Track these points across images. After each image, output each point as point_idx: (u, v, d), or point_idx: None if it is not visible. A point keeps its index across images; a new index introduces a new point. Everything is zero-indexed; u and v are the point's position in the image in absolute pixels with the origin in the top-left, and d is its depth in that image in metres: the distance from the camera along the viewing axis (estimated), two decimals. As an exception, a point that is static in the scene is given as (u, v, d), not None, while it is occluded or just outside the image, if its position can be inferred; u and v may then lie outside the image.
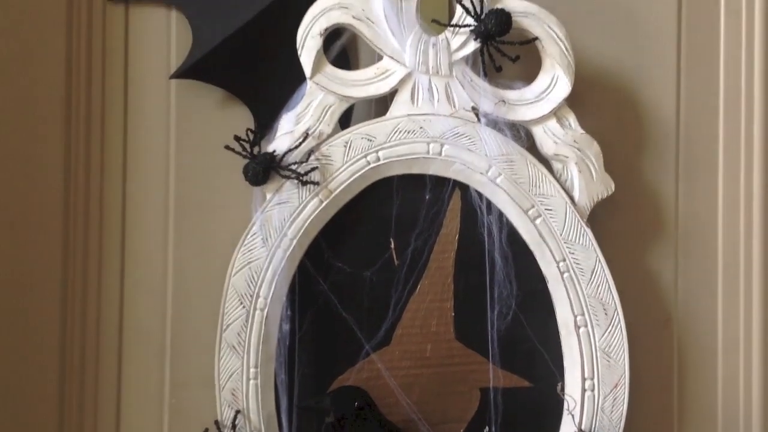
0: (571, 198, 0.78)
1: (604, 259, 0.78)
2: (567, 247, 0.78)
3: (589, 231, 0.78)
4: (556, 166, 0.79)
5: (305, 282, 0.78)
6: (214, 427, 0.77)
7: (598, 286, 0.78)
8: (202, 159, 0.82)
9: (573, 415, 0.77)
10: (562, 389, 0.78)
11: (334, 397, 0.73)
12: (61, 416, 0.80)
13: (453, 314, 0.80)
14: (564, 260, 0.78)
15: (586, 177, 0.78)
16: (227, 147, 0.76)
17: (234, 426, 0.77)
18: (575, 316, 0.78)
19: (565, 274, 0.78)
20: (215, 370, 0.77)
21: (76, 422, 0.80)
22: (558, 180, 0.78)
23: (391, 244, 0.79)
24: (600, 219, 0.77)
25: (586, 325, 0.78)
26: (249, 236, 0.77)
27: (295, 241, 0.77)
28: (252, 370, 0.77)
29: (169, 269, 0.82)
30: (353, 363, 0.79)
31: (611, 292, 0.78)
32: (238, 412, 0.77)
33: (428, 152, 0.78)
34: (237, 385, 0.77)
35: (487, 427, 0.78)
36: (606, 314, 0.78)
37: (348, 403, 0.73)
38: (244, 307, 0.77)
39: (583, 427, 0.78)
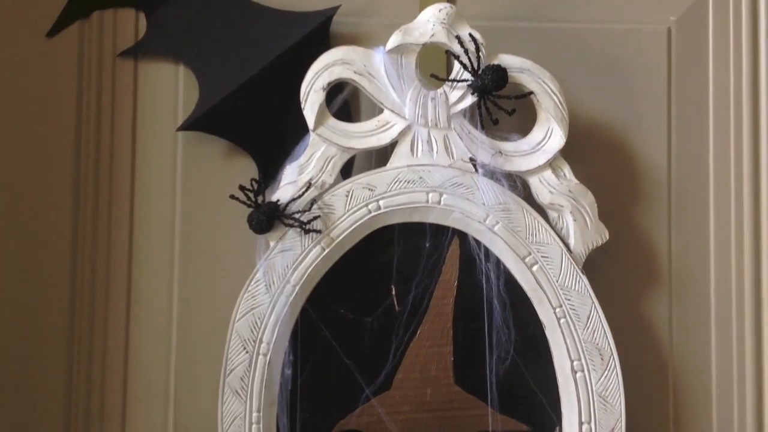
0: (567, 246, 0.80)
1: (599, 305, 0.79)
2: (563, 294, 0.80)
3: (584, 278, 0.80)
4: (552, 214, 0.81)
5: (307, 327, 0.80)
6: (220, 471, 0.78)
7: (594, 332, 0.80)
8: (207, 208, 0.84)
9: (573, 460, 0.78)
10: None
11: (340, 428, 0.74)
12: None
13: (452, 359, 0.81)
14: (560, 306, 0.80)
15: (581, 225, 0.80)
16: (232, 196, 0.78)
17: (238, 466, 0.78)
18: (572, 361, 0.79)
19: (562, 320, 0.80)
20: (218, 414, 0.78)
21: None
22: (554, 228, 0.80)
23: (392, 291, 0.81)
24: (595, 266, 0.79)
25: (582, 370, 0.79)
26: (253, 283, 0.79)
27: (297, 288, 0.79)
28: (255, 414, 0.79)
29: (174, 316, 0.84)
30: (354, 407, 0.80)
31: (607, 337, 0.80)
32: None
33: (428, 201, 0.80)
34: (240, 430, 0.78)
35: (487, 471, 0.79)
36: (602, 359, 0.79)
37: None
38: (247, 352, 0.79)
39: (582, 473, 0.79)
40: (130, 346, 0.83)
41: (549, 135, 0.81)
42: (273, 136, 0.84)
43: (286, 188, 0.79)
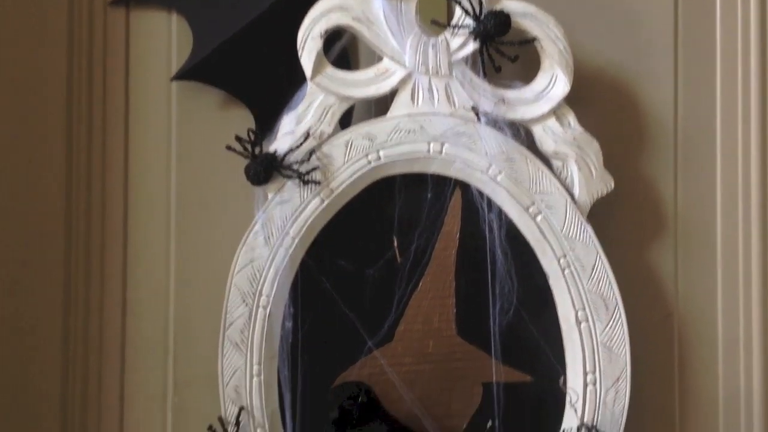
0: (571, 195, 0.78)
1: (604, 255, 0.78)
2: (567, 244, 0.78)
3: (589, 227, 0.78)
4: (556, 164, 0.79)
5: (308, 280, 0.78)
6: (218, 423, 0.77)
7: (599, 282, 0.78)
8: (203, 160, 0.82)
9: (575, 409, 0.78)
10: (564, 383, 0.79)
11: (338, 393, 0.73)
12: (64, 415, 0.80)
13: (455, 310, 0.80)
14: (565, 256, 0.78)
15: (586, 174, 0.79)
16: (228, 147, 0.76)
17: (237, 423, 0.77)
18: (576, 311, 0.79)
19: (566, 270, 0.78)
20: (219, 367, 0.78)
21: (79, 421, 0.81)
22: (558, 178, 0.79)
23: (393, 242, 0.80)
24: (600, 216, 0.77)
25: (587, 320, 0.78)
26: (251, 235, 0.78)
27: (297, 240, 0.78)
28: (255, 367, 0.78)
29: (172, 269, 0.82)
30: (355, 360, 0.79)
31: (612, 287, 0.78)
32: (241, 408, 0.77)
33: (429, 151, 0.78)
34: (240, 382, 0.78)
35: (490, 422, 0.78)
36: (607, 309, 0.78)
37: (351, 399, 0.73)
38: (246, 305, 0.78)
39: (585, 421, 0.78)
40: (128, 300, 0.82)
41: (553, 82, 0.79)
42: (270, 85, 0.81)
43: (283, 139, 0.78)
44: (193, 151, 0.83)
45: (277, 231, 0.78)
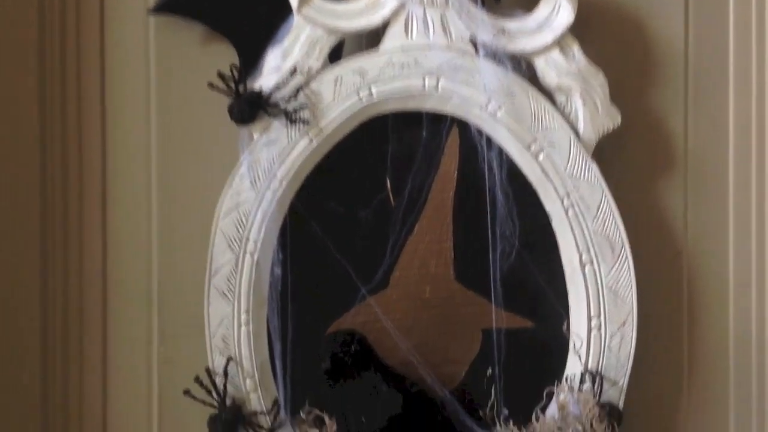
0: (576, 132, 0.74)
1: (610, 194, 0.74)
2: (571, 183, 0.74)
3: (594, 166, 0.74)
4: (559, 98, 0.75)
5: (297, 224, 0.75)
6: (205, 375, 0.74)
7: (604, 223, 0.75)
8: (184, 99, 0.77)
9: (579, 355, 0.74)
10: (568, 329, 0.75)
11: (329, 342, 0.70)
12: (45, 369, 0.77)
13: (453, 255, 0.77)
14: (568, 196, 0.74)
15: (591, 109, 0.74)
16: (211, 85, 0.72)
17: (226, 373, 0.74)
18: (580, 254, 0.75)
19: (570, 211, 0.74)
20: (205, 316, 0.74)
21: (61, 375, 0.77)
22: (561, 113, 0.74)
23: (387, 184, 0.75)
24: (606, 153, 0.74)
25: (591, 263, 0.75)
26: (237, 178, 0.74)
27: (285, 183, 0.74)
28: (243, 315, 0.74)
29: (154, 214, 0.78)
30: (349, 307, 0.76)
31: (618, 228, 0.75)
32: (230, 359, 0.74)
33: (424, 87, 0.74)
34: (228, 332, 0.74)
35: (490, 369, 0.75)
36: (612, 251, 0.75)
37: (344, 348, 0.70)
38: (233, 251, 0.74)
39: (589, 367, 0.75)
40: (108, 248, 0.78)
41: (556, 11, 0.74)
42: (253, 18, 0.76)
43: (269, 75, 0.73)
44: (173, 89, 0.78)
45: (263, 173, 0.73)
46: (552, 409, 0.74)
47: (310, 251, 0.75)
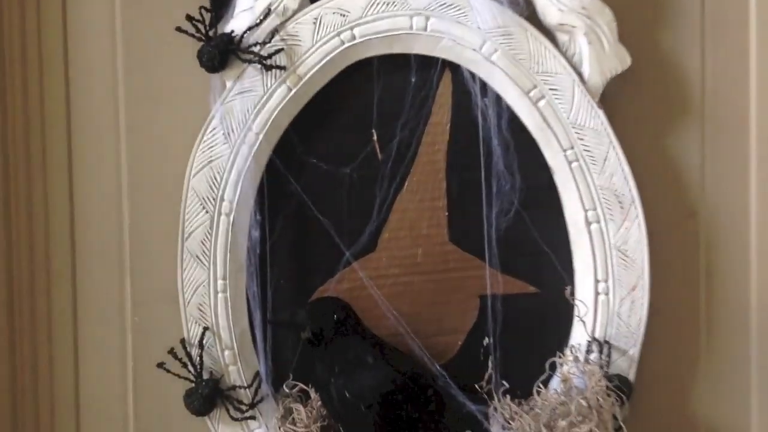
0: (580, 75, 0.67)
1: (618, 144, 0.67)
2: (576, 133, 0.68)
3: (601, 113, 0.67)
4: (562, 38, 0.68)
5: (275, 182, 0.69)
6: (180, 346, 0.68)
7: (612, 176, 0.68)
8: (151, 44, 0.71)
9: (584, 322, 0.68)
10: (572, 294, 0.69)
11: (311, 310, 0.64)
12: (12, 340, 0.72)
13: (446, 214, 0.70)
14: (572, 148, 0.68)
15: (597, 50, 0.67)
16: (179, 29, 0.65)
17: (201, 345, 0.68)
18: (586, 211, 0.68)
19: (574, 164, 0.68)
20: (178, 283, 0.69)
21: (29, 347, 0.72)
22: (564, 55, 0.67)
23: (373, 136, 0.69)
24: (614, 99, 0.68)
25: (598, 221, 0.68)
26: (208, 132, 0.68)
27: (261, 136, 0.67)
28: (220, 282, 0.69)
29: (123, 173, 0.72)
30: (334, 272, 0.70)
31: (627, 182, 0.68)
32: (206, 329, 0.69)
33: (411, 27, 0.67)
34: (204, 300, 0.69)
35: (486, 339, 0.69)
36: (621, 208, 0.68)
37: (326, 317, 0.63)
38: (207, 212, 0.68)
39: (596, 335, 0.68)
40: (75, 208, 0.72)
41: (558, -58, 0.67)
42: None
43: (241, 16, 0.67)
44: (139, 34, 0.71)
45: (238, 126, 0.67)
46: (555, 382, 0.68)
47: (291, 212, 0.69)
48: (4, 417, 0.72)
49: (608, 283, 0.69)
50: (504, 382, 0.68)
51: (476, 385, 0.67)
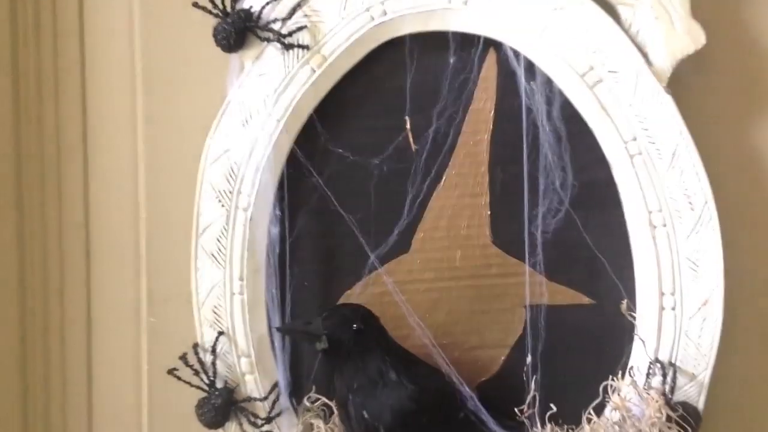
0: (645, 56, 0.59)
1: (689, 136, 0.58)
2: (639, 122, 0.59)
3: (669, 99, 0.58)
4: (624, 13, 0.59)
5: (297, 175, 0.62)
6: (193, 351, 0.62)
7: (682, 173, 0.59)
8: (168, 22, 0.65)
9: (643, 342, 0.59)
10: (629, 308, 0.60)
11: (327, 319, 0.57)
12: (24, 340, 0.68)
13: (489, 213, 0.62)
14: (634, 139, 0.59)
15: (666, 26, 0.58)
16: (195, 4, 0.60)
17: (214, 350, 0.62)
18: (649, 213, 0.59)
19: (636, 158, 0.59)
20: (192, 283, 0.63)
21: (41, 348, 0.68)
22: (626, 32, 0.59)
23: (406, 125, 0.62)
24: (685, 83, 0.60)
25: (664, 225, 0.59)
26: (224, 117, 0.61)
27: (282, 123, 0.61)
28: (237, 283, 0.63)
29: (140, 160, 0.67)
30: (361, 275, 0.63)
31: (699, 180, 0.59)
32: (221, 333, 0.63)
33: (449, 1, 0.59)
34: (219, 302, 0.63)
35: (529, 356, 0.60)
36: (692, 209, 0.59)
37: (344, 326, 0.56)
38: (223, 206, 0.62)
39: (659, 357, 0.59)
40: (90, 205, 0.68)
41: None
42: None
43: (261, -10, 0.60)
44: (157, 14, 0.66)
45: (256, 112, 0.61)
46: (609, 410, 0.59)
47: (313, 207, 0.63)
48: (16, 417, 0.68)
49: (675, 297, 0.60)
50: (552, 406, 0.60)
51: (516, 409, 0.59)
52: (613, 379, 0.59)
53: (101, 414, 0.69)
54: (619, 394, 0.59)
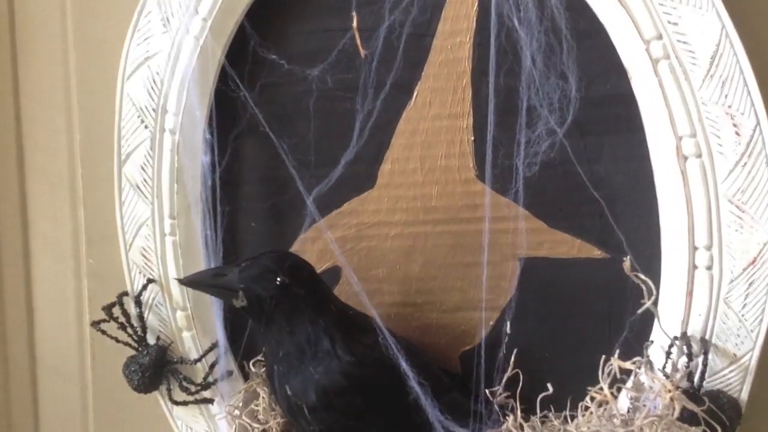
0: None
1: (735, 31, 0.41)
2: (665, 14, 0.43)
3: (708, -19, 0.42)
4: None
5: (226, 89, 0.50)
6: (120, 303, 0.53)
7: (724, 84, 0.42)
8: None
9: (656, 311, 0.44)
10: (634, 267, 0.44)
11: (245, 269, 0.45)
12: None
13: (473, 139, 0.48)
14: (659, 38, 0.43)
15: None
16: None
17: (140, 301, 0.52)
18: (679, 140, 0.44)
19: (662, 64, 0.43)
20: (117, 221, 0.52)
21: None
22: None
23: (352, 22, 0.48)
24: None
25: (699, 155, 0.43)
26: (143, 17, 0.50)
27: (209, 23, 0.49)
28: (168, 221, 0.52)
29: (72, 78, 0.56)
30: (320, 213, 0.50)
31: (750, 94, 0.42)
32: (150, 281, 0.52)
33: None
34: (148, 243, 0.52)
35: (507, 322, 0.47)
36: (738, 134, 0.43)
37: (264, 280, 0.44)
38: (146, 127, 0.51)
39: (688, 331, 0.44)
40: (23, 123, 0.58)
41: None
42: None
43: None
44: None
45: (179, 8, 0.49)
46: (623, 396, 0.45)
47: (248, 130, 0.50)
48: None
49: (712, 253, 0.44)
50: (549, 386, 0.46)
51: (487, 391, 0.46)
52: (609, 360, 0.44)
53: (43, 360, 0.61)
54: (633, 379, 0.44)
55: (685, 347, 0.44)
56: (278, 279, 0.44)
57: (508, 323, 0.47)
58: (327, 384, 0.43)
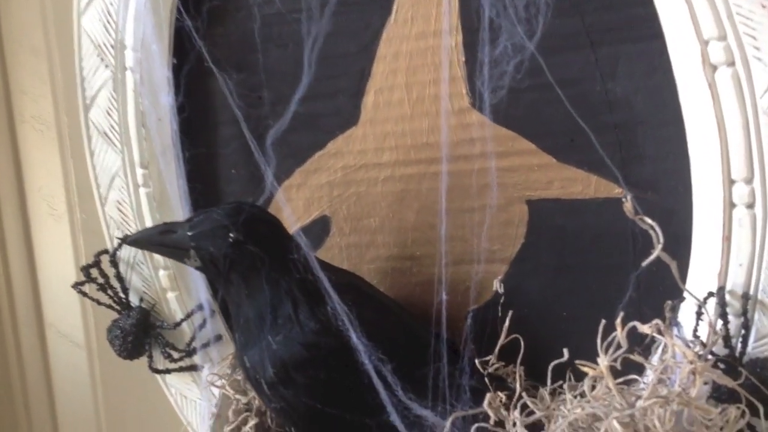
0: None
1: None
2: None
3: None
4: None
5: (180, 19, 0.44)
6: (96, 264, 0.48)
7: (764, -32, 0.33)
8: None
9: (674, 264, 0.35)
10: (637, 212, 0.35)
11: (196, 225, 0.39)
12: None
13: (464, 60, 0.40)
14: None
15: None
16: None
17: (115, 260, 0.47)
18: (706, 44, 0.34)
19: (680, -52, 0.34)
20: (89, 172, 0.48)
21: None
22: None
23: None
24: None
25: (731, 63, 0.34)
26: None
27: (158, -59, 0.43)
28: (139, 171, 0.47)
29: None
30: (304, 158, 0.44)
31: (797, -21, 0.33)
32: (126, 238, 0.47)
33: None
34: (123, 196, 0.47)
35: (496, 281, 0.39)
36: (783, 33, 0.33)
37: (216, 237, 0.38)
38: (107, 66, 0.46)
39: (726, 285, 0.35)
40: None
41: None
42: None
43: None
44: None
45: (128, -72, 0.43)
46: (649, 376, 0.37)
47: (203, 62, 0.44)
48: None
49: (753, 187, 0.35)
50: (565, 351, 0.38)
51: (477, 362, 0.38)
52: (618, 322, 0.35)
53: (50, 310, 0.58)
54: (658, 349, 0.36)
55: (717, 306, 0.35)
56: (231, 235, 0.38)
57: (499, 281, 0.39)
58: (286, 356, 0.37)
